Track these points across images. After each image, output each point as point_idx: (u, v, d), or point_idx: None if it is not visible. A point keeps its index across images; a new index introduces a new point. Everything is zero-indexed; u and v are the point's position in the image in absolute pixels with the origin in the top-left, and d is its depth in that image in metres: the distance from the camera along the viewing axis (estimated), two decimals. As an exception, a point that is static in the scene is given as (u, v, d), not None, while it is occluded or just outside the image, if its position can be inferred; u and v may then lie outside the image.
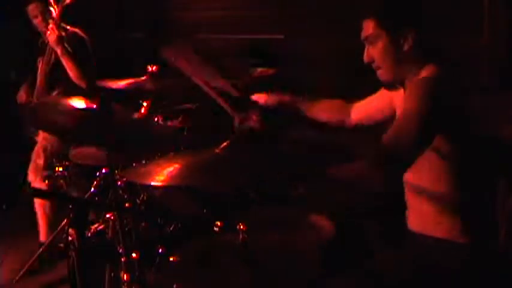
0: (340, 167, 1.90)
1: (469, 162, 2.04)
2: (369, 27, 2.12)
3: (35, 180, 3.69)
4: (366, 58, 2.16)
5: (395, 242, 2.15)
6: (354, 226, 2.28)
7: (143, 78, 3.16)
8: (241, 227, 1.86)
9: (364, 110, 2.51)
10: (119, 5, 5.26)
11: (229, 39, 4.75)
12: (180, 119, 3.34)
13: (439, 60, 2.09)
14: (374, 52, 2.13)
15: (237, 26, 4.73)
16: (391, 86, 2.20)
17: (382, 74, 2.15)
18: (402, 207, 2.23)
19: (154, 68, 3.15)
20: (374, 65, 2.16)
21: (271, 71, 3.38)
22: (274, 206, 2.56)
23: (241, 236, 1.86)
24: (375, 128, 2.43)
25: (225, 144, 1.82)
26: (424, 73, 2.06)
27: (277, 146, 2.17)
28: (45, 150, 3.67)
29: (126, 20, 5.26)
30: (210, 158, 1.83)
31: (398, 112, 2.23)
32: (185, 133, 3.09)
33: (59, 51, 3.61)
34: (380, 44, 2.10)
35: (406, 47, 2.07)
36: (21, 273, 3.54)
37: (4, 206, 4.30)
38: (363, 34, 2.15)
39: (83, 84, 3.63)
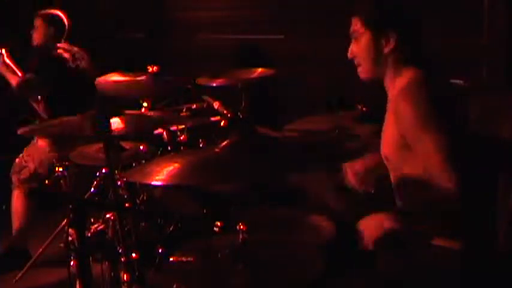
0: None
1: (468, 162, 2.04)
2: (356, 23, 2.17)
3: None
4: (349, 53, 2.21)
5: (395, 242, 2.14)
6: (353, 226, 2.28)
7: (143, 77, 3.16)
8: (241, 227, 1.86)
9: None
10: (119, 5, 5.27)
11: (229, 39, 4.75)
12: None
13: (419, 63, 2.10)
14: (357, 48, 2.17)
15: (237, 26, 4.73)
16: (369, 83, 2.24)
17: (361, 71, 2.21)
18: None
19: (154, 68, 3.15)
20: (356, 62, 2.21)
21: (271, 71, 3.38)
22: (274, 206, 2.56)
23: (241, 236, 1.86)
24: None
25: (225, 143, 1.82)
26: (403, 79, 2.09)
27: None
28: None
29: (126, 20, 5.26)
30: (210, 158, 1.83)
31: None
32: (185, 133, 3.09)
33: None
34: (363, 42, 2.15)
35: (386, 49, 2.11)
36: (21, 273, 3.54)
37: (4, 206, 4.29)
38: (350, 29, 2.20)
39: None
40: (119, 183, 2.53)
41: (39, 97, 3.86)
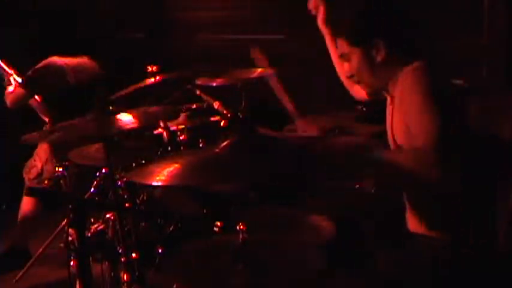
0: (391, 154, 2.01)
1: (468, 162, 2.04)
2: (342, 46, 2.17)
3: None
4: (346, 73, 2.24)
5: (395, 242, 2.15)
6: (353, 226, 2.28)
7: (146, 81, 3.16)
8: (241, 227, 1.86)
9: None
10: (119, 5, 5.27)
11: (229, 39, 4.76)
12: (180, 119, 3.34)
13: (420, 58, 2.10)
14: (351, 68, 2.17)
15: (237, 26, 4.73)
16: (375, 95, 2.24)
17: (364, 87, 2.24)
18: (401, 208, 2.23)
19: (154, 68, 3.15)
20: (355, 80, 2.23)
21: (271, 71, 3.38)
22: (274, 206, 2.56)
23: (241, 236, 1.86)
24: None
25: (225, 144, 1.82)
26: (407, 74, 2.08)
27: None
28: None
29: (126, 20, 5.26)
30: (210, 158, 1.83)
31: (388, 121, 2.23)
32: (185, 133, 3.09)
33: None
34: (355, 60, 2.14)
35: (379, 58, 2.10)
36: (21, 273, 3.54)
37: (4, 206, 4.29)
38: (338, 52, 2.21)
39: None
40: (119, 183, 2.53)
41: (37, 99, 3.85)
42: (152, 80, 3.15)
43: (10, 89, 3.74)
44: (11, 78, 3.73)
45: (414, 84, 2.02)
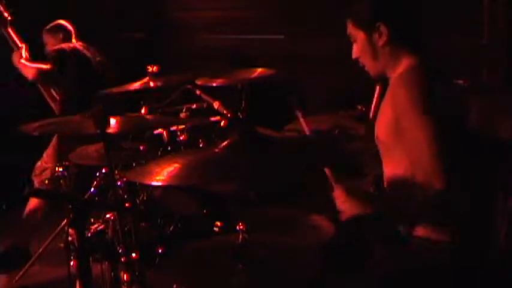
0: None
1: (467, 162, 2.05)
2: (349, 26, 2.22)
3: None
4: (353, 55, 2.25)
5: (395, 243, 2.15)
6: (353, 227, 2.28)
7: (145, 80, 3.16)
8: (241, 227, 1.86)
9: None
10: (119, 5, 5.27)
11: (229, 39, 4.76)
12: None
13: (419, 52, 2.11)
14: (357, 49, 2.22)
15: (237, 26, 4.73)
16: (379, 80, 2.27)
17: (367, 70, 2.25)
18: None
19: (154, 68, 3.15)
20: (360, 63, 2.24)
21: (270, 71, 3.38)
22: (274, 206, 2.56)
23: (241, 236, 1.86)
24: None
25: (225, 144, 1.82)
26: (403, 66, 2.12)
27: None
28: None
29: (126, 20, 5.26)
30: (210, 158, 1.84)
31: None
32: (185, 133, 3.09)
33: None
34: (359, 42, 2.19)
35: (381, 42, 2.14)
36: (21, 273, 3.54)
37: (4, 206, 4.29)
38: (347, 33, 2.24)
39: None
40: (118, 183, 2.53)
41: (56, 97, 3.90)
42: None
43: (22, 60, 3.76)
44: (22, 52, 3.76)
45: (408, 81, 2.05)
